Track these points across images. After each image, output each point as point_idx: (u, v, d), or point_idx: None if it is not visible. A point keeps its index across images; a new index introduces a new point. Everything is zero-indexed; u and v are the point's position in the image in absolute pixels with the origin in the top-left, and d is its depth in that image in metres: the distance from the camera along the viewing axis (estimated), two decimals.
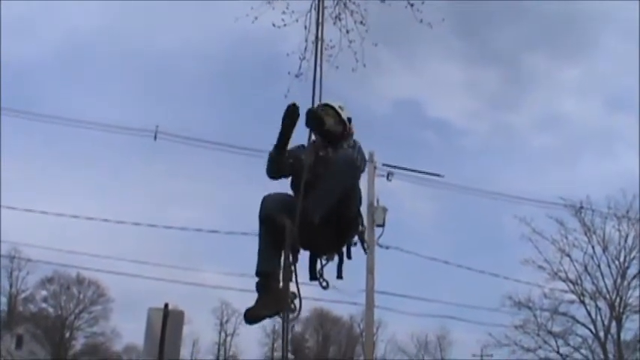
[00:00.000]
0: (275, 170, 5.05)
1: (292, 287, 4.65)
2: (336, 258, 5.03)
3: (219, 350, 64.62)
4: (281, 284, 4.64)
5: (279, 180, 5.11)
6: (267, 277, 4.69)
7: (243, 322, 4.67)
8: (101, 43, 75.56)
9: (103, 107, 64.71)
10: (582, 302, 33.97)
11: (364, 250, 5.10)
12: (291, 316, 4.64)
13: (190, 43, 72.68)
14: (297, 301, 4.64)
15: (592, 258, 34.14)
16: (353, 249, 5.08)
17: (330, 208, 4.64)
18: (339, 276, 4.99)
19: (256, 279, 4.74)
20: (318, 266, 5.02)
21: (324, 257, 4.97)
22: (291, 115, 4.82)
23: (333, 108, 5.13)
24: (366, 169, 5.36)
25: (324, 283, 4.91)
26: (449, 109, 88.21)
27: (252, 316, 4.67)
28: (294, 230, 4.52)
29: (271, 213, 4.67)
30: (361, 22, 10.32)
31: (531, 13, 59.54)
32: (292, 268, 4.64)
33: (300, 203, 4.61)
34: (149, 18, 71.43)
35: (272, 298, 4.63)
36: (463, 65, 72.11)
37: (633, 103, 63.66)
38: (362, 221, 5.04)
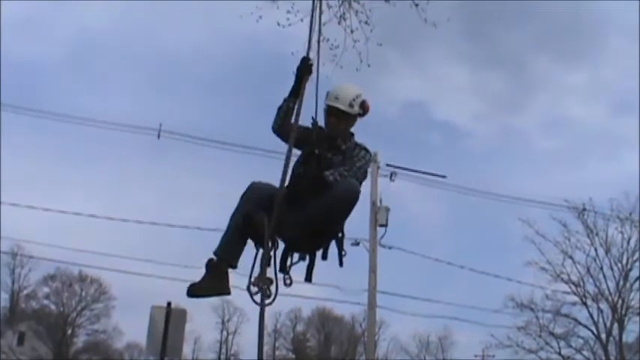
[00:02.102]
0: (279, 122, 5.04)
1: (269, 273, 4.68)
2: (308, 259, 4.95)
3: (220, 348, 64.73)
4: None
5: (280, 138, 5.06)
6: (222, 262, 4.79)
7: (186, 294, 4.76)
8: (107, 42, 75.76)
9: (107, 105, 64.86)
10: (584, 304, 33.98)
11: (340, 259, 4.91)
12: (267, 300, 4.67)
13: (195, 43, 72.87)
14: (272, 287, 4.66)
15: (594, 260, 34.19)
16: (355, 248, 5.04)
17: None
18: (308, 279, 4.92)
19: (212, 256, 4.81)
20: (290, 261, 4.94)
21: (297, 255, 4.89)
22: (303, 69, 5.03)
23: (339, 109, 4.98)
24: (369, 169, 5.29)
25: (288, 281, 4.81)
26: (455, 112, 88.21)
27: (196, 291, 4.77)
28: (270, 230, 4.58)
29: (251, 211, 4.68)
30: (366, 22, 10.32)
31: (538, 17, 59.58)
32: (270, 254, 4.69)
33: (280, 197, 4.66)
34: (155, 18, 71.60)
35: (218, 280, 4.78)
36: (470, 67, 72.13)
37: (637, 106, 63.48)
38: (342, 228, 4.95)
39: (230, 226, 4.81)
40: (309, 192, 4.69)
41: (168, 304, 12.59)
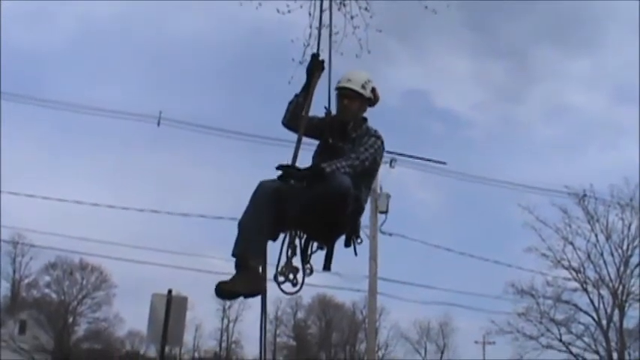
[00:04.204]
0: (288, 116, 5.08)
1: (295, 261, 4.72)
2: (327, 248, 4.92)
3: (221, 336, 64.91)
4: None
5: (291, 130, 5.06)
6: (247, 258, 4.57)
7: (215, 294, 4.48)
8: (109, 30, 75.44)
9: (108, 93, 64.67)
10: (585, 290, 34.03)
11: (354, 248, 4.89)
12: (293, 289, 4.69)
13: (196, 31, 72.52)
14: (299, 276, 4.68)
15: (595, 246, 34.21)
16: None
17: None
18: (327, 267, 4.87)
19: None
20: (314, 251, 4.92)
21: (317, 244, 4.87)
22: (314, 66, 5.05)
23: (353, 90, 4.98)
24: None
25: (308, 270, 4.78)
26: (456, 100, 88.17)
27: (225, 291, 4.51)
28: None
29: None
30: (366, 9, 10.27)
31: (540, 6, 59.32)
32: (294, 243, 4.72)
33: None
34: (156, 5, 71.15)
35: (251, 278, 4.54)
36: (471, 56, 72.06)
37: (637, 95, 63.51)
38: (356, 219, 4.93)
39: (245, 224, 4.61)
40: (304, 181, 4.57)
41: (169, 291, 12.60)
